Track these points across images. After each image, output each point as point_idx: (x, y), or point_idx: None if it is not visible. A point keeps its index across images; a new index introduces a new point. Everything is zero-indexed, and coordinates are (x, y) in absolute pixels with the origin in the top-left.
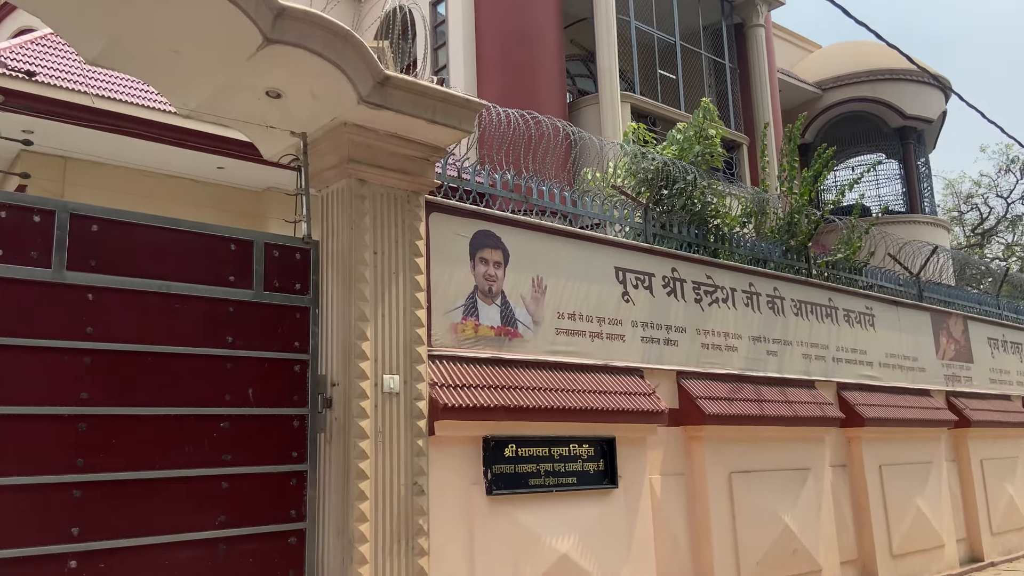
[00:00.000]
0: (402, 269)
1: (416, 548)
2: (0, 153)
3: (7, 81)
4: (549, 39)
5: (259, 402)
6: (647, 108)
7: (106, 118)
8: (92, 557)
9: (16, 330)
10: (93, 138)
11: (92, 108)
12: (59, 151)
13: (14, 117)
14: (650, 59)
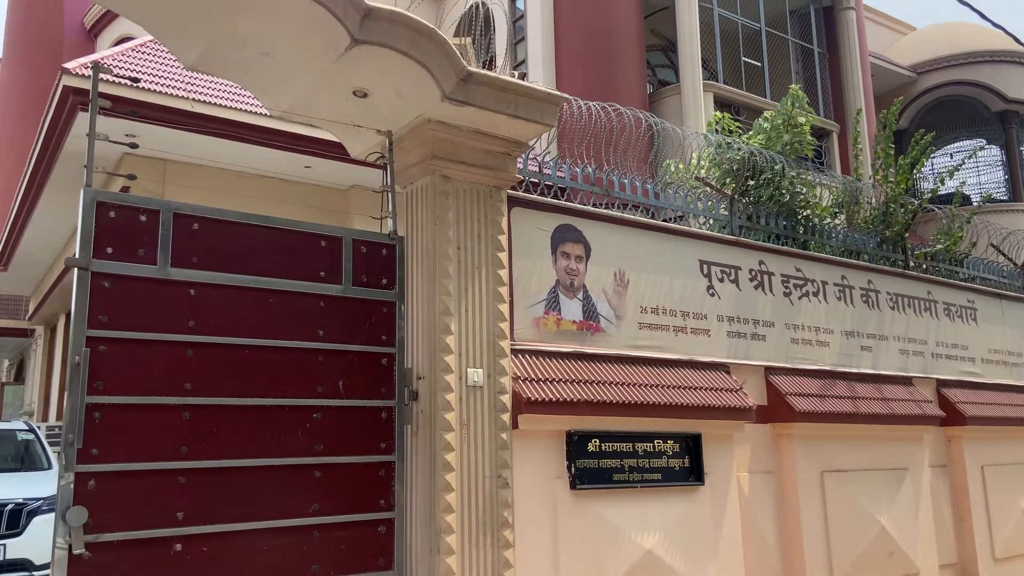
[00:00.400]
0: (485, 264)
1: (501, 540)
2: (105, 156)
3: (113, 88)
4: (629, 30)
5: (349, 394)
6: (731, 97)
7: (203, 121)
8: (195, 540)
9: (128, 323)
10: (191, 140)
11: (190, 112)
12: (159, 153)
13: (118, 121)
14: (734, 47)
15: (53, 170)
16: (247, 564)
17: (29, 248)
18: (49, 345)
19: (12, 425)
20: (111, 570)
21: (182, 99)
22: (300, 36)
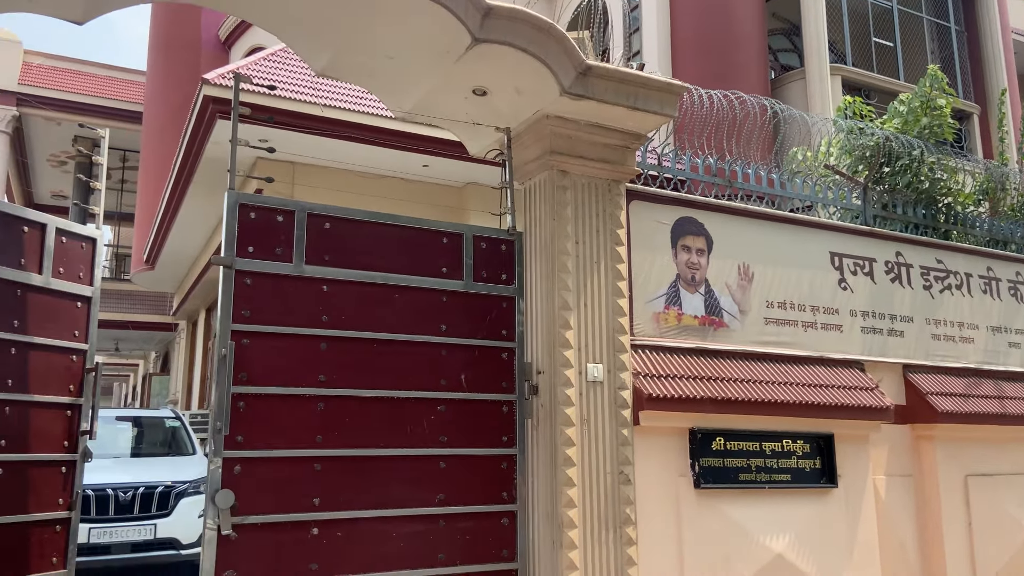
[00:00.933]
0: (604, 258)
1: (624, 537)
2: (241, 160)
3: (251, 96)
4: (749, 14)
5: (471, 387)
6: (860, 80)
7: (330, 125)
8: (331, 525)
9: (267, 318)
10: (318, 143)
11: (319, 116)
12: (288, 156)
13: (253, 127)
14: (863, 26)
15: (195, 175)
16: (379, 550)
17: (173, 248)
18: (191, 338)
19: (160, 413)
20: (255, 551)
21: (313, 104)
22: (422, 38)
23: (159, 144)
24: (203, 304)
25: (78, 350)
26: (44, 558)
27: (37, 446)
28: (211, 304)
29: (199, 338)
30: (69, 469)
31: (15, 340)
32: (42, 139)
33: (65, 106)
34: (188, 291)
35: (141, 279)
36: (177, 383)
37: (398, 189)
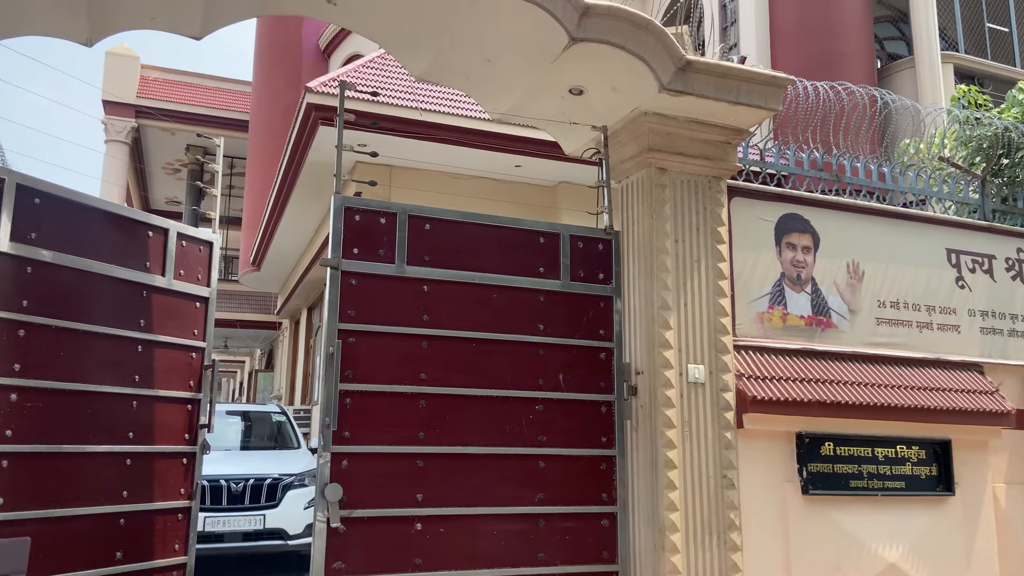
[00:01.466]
0: (704, 257)
1: (728, 542)
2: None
3: (354, 103)
4: (853, 1)
5: (569, 387)
6: (973, 68)
7: (427, 128)
8: (433, 521)
9: (371, 318)
10: (414, 146)
11: (418, 120)
12: (385, 160)
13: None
14: (975, 12)
15: (298, 179)
16: (480, 547)
17: (277, 249)
18: (294, 336)
19: (267, 408)
20: (363, 544)
21: (412, 109)
22: (520, 40)
23: (264, 150)
24: (305, 303)
25: (197, 348)
26: (167, 544)
27: (161, 438)
28: (312, 303)
29: (301, 336)
30: (189, 461)
31: (141, 338)
32: (157, 148)
33: (178, 117)
34: (291, 291)
35: (248, 280)
36: (281, 379)
37: (491, 189)
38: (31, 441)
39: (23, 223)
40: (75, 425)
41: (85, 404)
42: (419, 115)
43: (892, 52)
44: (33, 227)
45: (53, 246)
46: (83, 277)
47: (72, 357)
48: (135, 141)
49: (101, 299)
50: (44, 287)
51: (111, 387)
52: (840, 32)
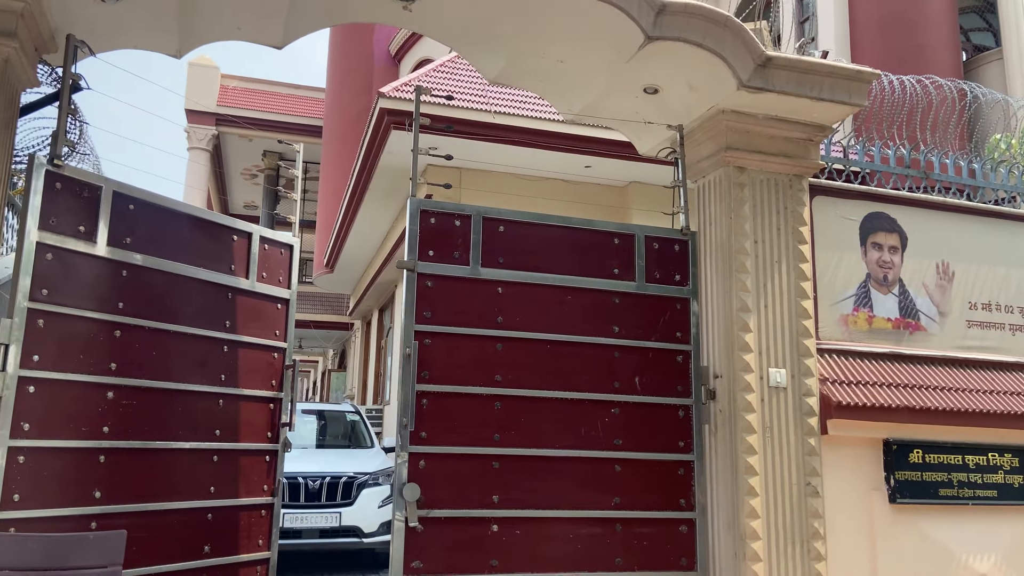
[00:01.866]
0: (785, 257)
1: (812, 552)
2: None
3: (429, 107)
4: None
5: (645, 391)
6: None
7: (497, 131)
8: (509, 523)
9: (447, 319)
10: (483, 149)
11: (488, 123)
12: (455, 162)
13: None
14: None
15: (371, 183)
16: (556, 550)
17: (350, 252)
18: (365, 337)
19: (342, 407)
20: (440, 544)
21: (485, 112)
22: (594, 40)
23: (337, 155)
24: (376, 305)
25: (278, 348)
26: (252, 540)
27: (245, 436)
28: (383, 305)
29: (373, 337)
30: (272, 458)
31: (227, 339)
32: (236, 154)
33: (256, 124)
34: (363, 293)
35: (321, 281)
36: (353, 379)
37: (559, 190)
38: (126, 437)
39: (119, 229)
40: (166, 422)
41: (175, 402)
42: (491, 118)
43: (979, 44)
44: (128, 232)
45: (146, 250)
46: (173, 280)
47: (163, 356)
48: (215, 148)
49: (189, 301)
50: (138, 290)
51: (199, 386)
52: (924, 24)
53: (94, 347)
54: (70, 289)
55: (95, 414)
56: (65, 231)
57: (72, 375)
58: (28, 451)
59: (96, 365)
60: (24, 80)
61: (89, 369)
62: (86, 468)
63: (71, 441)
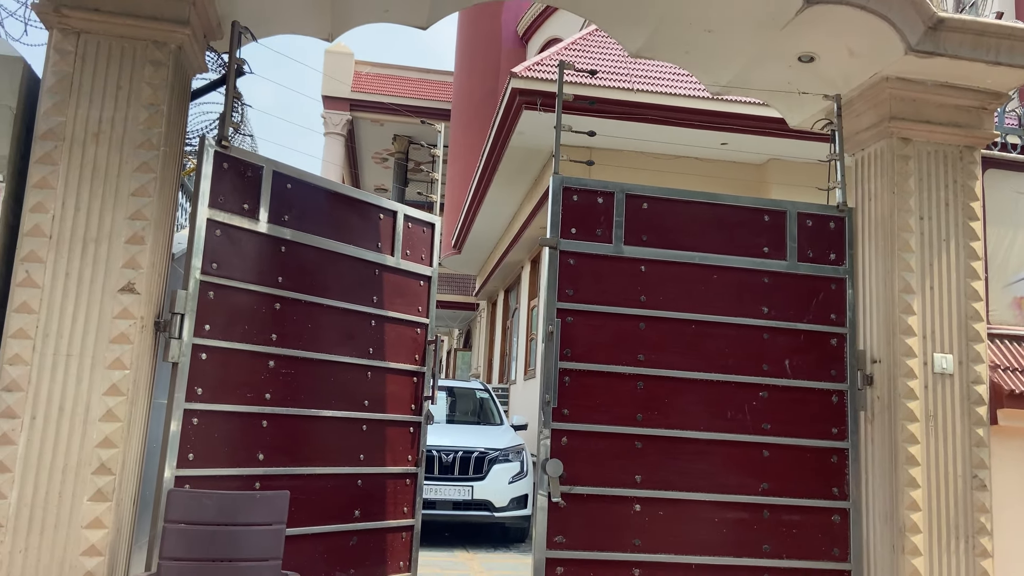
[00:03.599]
0: (954, 235)
1: (978, 548)
2: (540, 148)
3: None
4: None
5: (796, 374)
6: None
7: (633, 108)
8: (652, 503)
9: (589, 297)
10: (616, 126)
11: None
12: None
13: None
14: None
15: (500, 164)
16: (701, 533)
17: (477, 233)
18: (491, 317)
19: (472, 385)
20: (582, 520)
21: (621, 89)
22: (746, 7)
23: (465, 137)
24: (502, 285)
25: (422, 324)
26: (397, 507)
27: (392, 407)
28: (509, 285)
29: (498, 317)
30: (416, 430)
31: (374, 313)
32: (367, 139)
33: (387, 109)
34: (489, 273)
35: (449, 262)
36: (479, 358)
37: (695, 168)
38: (285, 404)
39: (277, 206)
40: (319, 392)
41: (327, 373)
42: (630, 95)
43: None
44: (286, 210)
45: (301, 227)
46: (325, 256)
47: (316, 329)
48: (349, 132)
49: (340, 276)
50: (294, 265)
51: (349, 358)
52: None
53: (257, 318)
54: (236, 263)
55: (258, 381)
56: (232, 208)
57: (238, 344)
58: (201, 414)
59: (259, 335)
60: (195, 66)
61: (253, 339)
62: (251, 432)
63: (238, 406)
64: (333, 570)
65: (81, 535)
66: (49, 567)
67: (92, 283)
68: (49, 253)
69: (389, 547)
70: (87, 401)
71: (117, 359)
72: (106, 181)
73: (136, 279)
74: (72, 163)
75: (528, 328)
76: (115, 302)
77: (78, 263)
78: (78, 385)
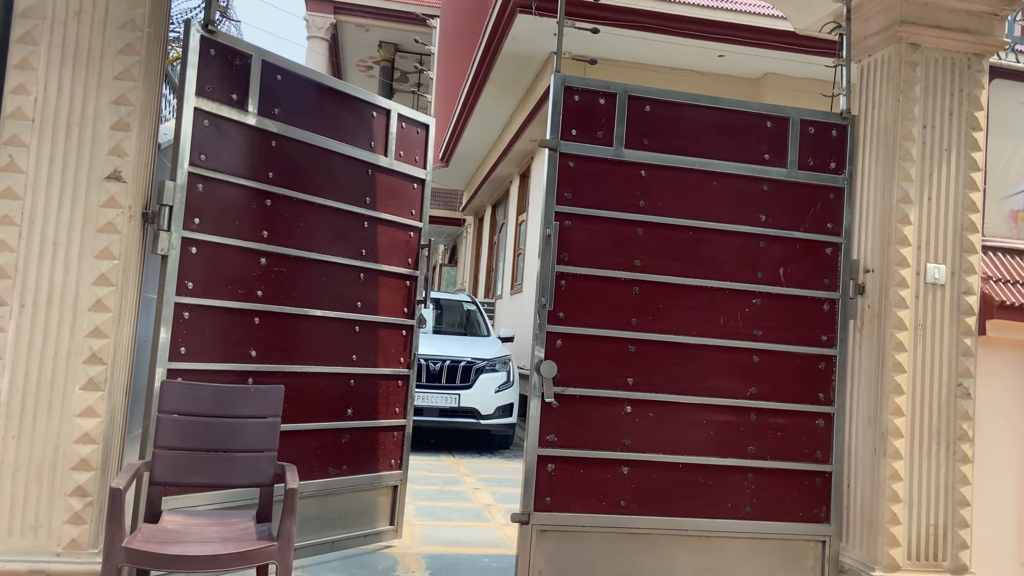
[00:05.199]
0: (955, 145)
1: (958, 453)
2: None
3: None
4: None
5: (789, 282)
6: None
7: (630, 15)
8: (643, 406)
9: (587, 201)
10: (610, 40)
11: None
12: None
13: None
14: None
15: (492, 73)
16: (688, 434)
17: (465, 147)
18: (477, 233)
19: (458, 296)
20: (574, 421)
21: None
22: None
23: (454, 46)
24: (489, 200)
25: (415, 227)
26: (389, 407)
27: (384, 310)
28: (496, 200)
29: (485, 233)
30: (408, 333)
31: (367, 215)
32: (352, 46)
33: (373, 12)
34: (476, 188)
35: (436, 176)
36: (464, 274)
37: (691, 81)
38: (277, 303)
39: (267, 99)
40: (312, 291)
41: (320, 273)
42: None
43: None
44: (276, 103)
45: (292, 121)
46: (317, 153)
47: (308, 228)
48: (333, 37)
49: (332, 175)
50: (285, 160)
51: (342, 259)
52: None
53: (248, 214)
54: (225, 156)
55: (250, 278)
56: (219, 98)
57: (229, 240)
58: (192, 308)
59: (250, 231)
60: None
61: (244, 235)
62: (243, 329)
63: (229, 302)
64: (326, 466)
65: (74, 423)
66: (43, 453)
67: (77, 170)
68: (32, 137)
69: (381, 446)
70: (76, 290)
71: (105, 248)
72: (89, 63)
73: (122, 167)
74: (53, 43)
75: (516, 243)
76: (101, 190)
77: (62, 148)
78: (66, 274)
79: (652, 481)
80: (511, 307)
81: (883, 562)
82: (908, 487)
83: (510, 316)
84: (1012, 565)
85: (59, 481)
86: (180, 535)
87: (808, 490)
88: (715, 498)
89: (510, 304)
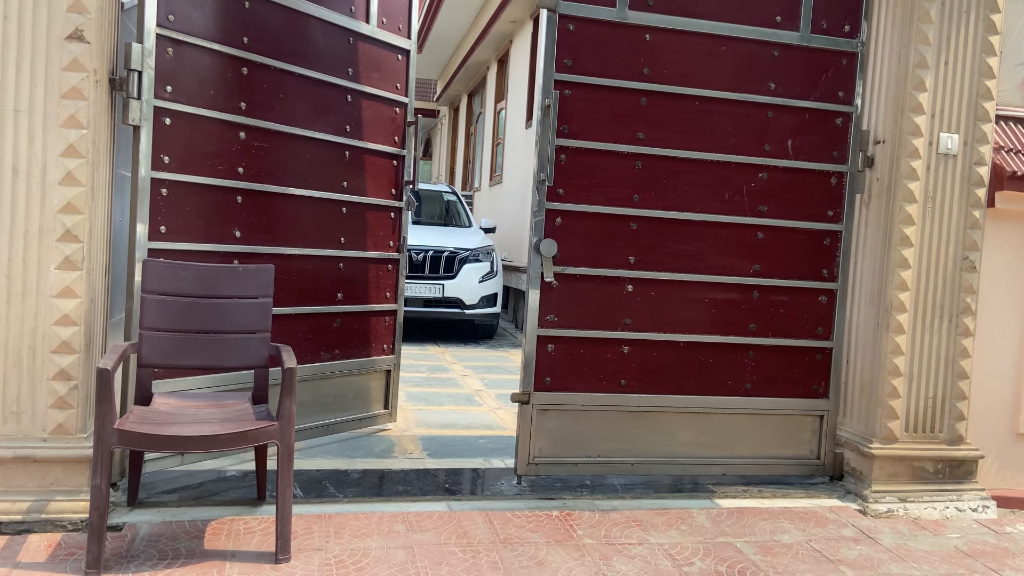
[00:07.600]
0: (975, 6)
1: (960, 327)
2: None
3: None
4: None
5: (797, 155)
6: None
7: None
8: (644, 284)
9: (588, 69)
10: None
11: None
12: None
13: None
14: None
15: None
16: (690, 313)
17: (440, 32)
18: (453, 124)
19: (437, 187)
20: (574, 300)
21: None
22: None
23: None
24: (465, 89)
25: (400, 103)
26: (380, 292)
27: (372, 190)
28: (473, 89)
29: (461, 123)
30: (397, 215)
31: (350, 87)
32: None
33: None
34: (452, 76)
35: None
36: (441, 167)
37: None
38: (260, 181)
39: None
40: (296, 170)
41: (303, 150)
42: None
43: None
44: None
45: None
46: (294, 16)
47: (289, 100)
48: None
49: (311, 42)
50: (260, 25)
51: (325, 135)
52: None
53: (223, 83)
54: (195, 17)
55: (229, 153)
56: None
57: (204, 111)
58: (170, 184)
59: (226, 102)
60: None
61: (220, 106)
62: (225, 207)
63: (209, 179)
64: (318, 350)
65: (52, 304)
66: (20, 335)
67: (35, 28)
68: None
69: (373, 330)
70: (43, 162)
71: (71, 116)
72: None
73: (83, 25)
74: None
75: (494, 133)
76: (63, 51)
77: (16, 3)
78: (31, 144)
79: (653, 360)
80: (490, 198)
81: (881, 434)
82: (909, 361)
83: (489, 208)
84: (1008, 436)
85: (40, 365)
86: (174, 416)
87: (808, 366)
88: (715, 376)
89: (489, 195)
